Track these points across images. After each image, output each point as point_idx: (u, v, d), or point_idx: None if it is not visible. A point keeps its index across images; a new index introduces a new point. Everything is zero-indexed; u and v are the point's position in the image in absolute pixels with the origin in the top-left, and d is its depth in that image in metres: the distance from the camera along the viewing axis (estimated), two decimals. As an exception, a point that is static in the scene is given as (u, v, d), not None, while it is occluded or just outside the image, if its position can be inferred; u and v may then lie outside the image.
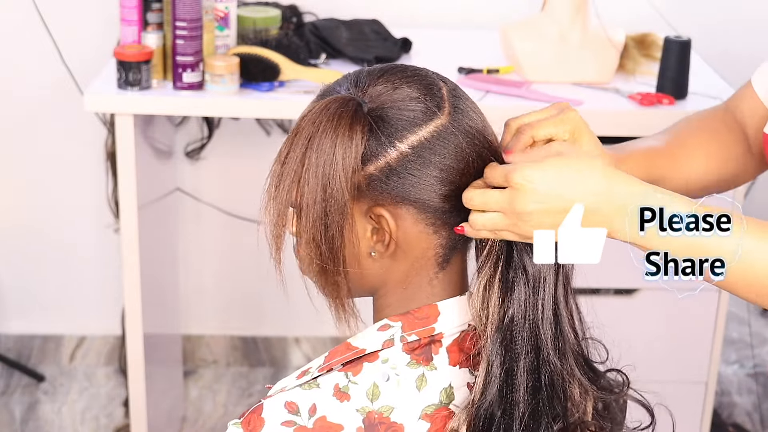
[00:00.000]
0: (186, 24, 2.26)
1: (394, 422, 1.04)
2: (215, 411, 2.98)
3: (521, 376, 1.04)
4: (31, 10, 2.71)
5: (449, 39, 2.75)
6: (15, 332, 3.13)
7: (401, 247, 1.07)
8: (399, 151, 1.04)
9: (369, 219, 1.06)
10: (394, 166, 1.04)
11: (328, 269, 1.08)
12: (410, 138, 1.05)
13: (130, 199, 2.34)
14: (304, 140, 1.05)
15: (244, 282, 3.08)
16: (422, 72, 1.10)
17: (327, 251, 1.07)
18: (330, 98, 1.07)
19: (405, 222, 1.06)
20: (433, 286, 1.10)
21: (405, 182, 1.05)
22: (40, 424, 2.88)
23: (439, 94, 1.08)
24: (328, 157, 1.04)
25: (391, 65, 1.11)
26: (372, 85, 1.07)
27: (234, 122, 2.90)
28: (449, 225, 1.07)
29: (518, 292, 1.05)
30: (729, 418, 2.94)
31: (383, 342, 1.07)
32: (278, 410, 1.04)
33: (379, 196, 1.05)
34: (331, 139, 1.04)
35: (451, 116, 1.07)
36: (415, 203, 1.05)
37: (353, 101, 1.06)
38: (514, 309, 1.04)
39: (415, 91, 1.07)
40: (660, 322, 2.41)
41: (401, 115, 1.05)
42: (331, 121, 1.04)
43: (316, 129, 1.05)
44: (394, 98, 1.06)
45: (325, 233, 1.06)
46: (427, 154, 1.05)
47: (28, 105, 2.90)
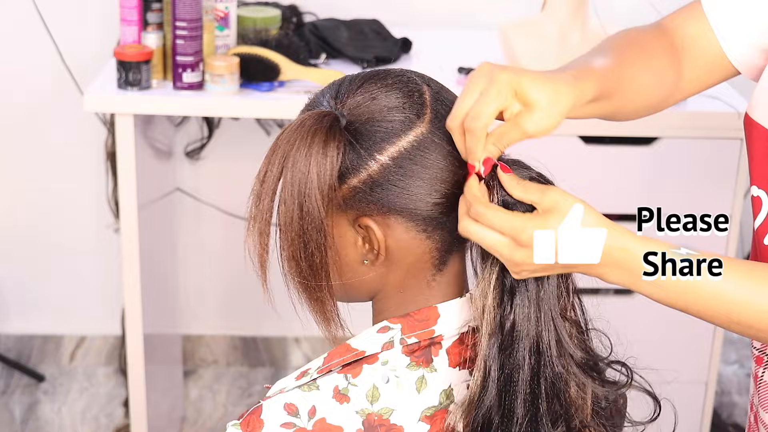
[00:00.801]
0: (186, 24, 2.26)
1: (394, 424, 1.04)
2: (215, 411, 2.98)
3: (522, 383, 1.03)
4: (31, 10, 2.71)
5: (449, 39, 2.75)
6: (15, 332, 3.13)
7: (394, 254, 1.07)
8: (379, 163, 1.03)
9: (358, 229, 1.06)
10: (376, 178, 1.04)
11: (310, 285, 1.08)
12: (389, 149, 1.04)
13: (130, 199, 2.34)
14: (281, 158, 1.04)
15: (244, 282, 3.08)
16: (405, 78, 1.08)
17: (307, 268, 1.07)
18: (306, 114, 1.06)
19: (395, 231, 1.06)
20: (432, 288, 1.10)
21: (389, 193, 1.04)
22: (40, 424, 2.88)
23: (420, 100, 1.06)
24: (303, 176, 1.03)
25: (373, 72, 1.10)
26: (351, 96, 1.06)
27: (234, 122, 2.90)
28: (441, 228, 1.07)
29: (520, 297, 1.04)
30: (729, 418, 2.94)
31: (383, 344, 1.07)
32: (277, 412, 1.04)
33: (366, 207, 1.05)
34: (305, 156, 1.03)
35: (432, 123, 1.05)
36: (402, 212, 1.05)
37: (329, 116, 1.05)
38: (515, 314, 1.03)
39: (394, 99, 1.05)
40: (660, 322, 2.41)
41: (379, 127, 1.04)
42: (305, 138, 1.03)
43: (291, 146, 1.04)
44: (371, 109, 1.05)
45: (304, 250, 1.06)
46: (407, 164, 1.04)
47: (28, 105, 2.90)
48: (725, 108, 2.33)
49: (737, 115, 2.32)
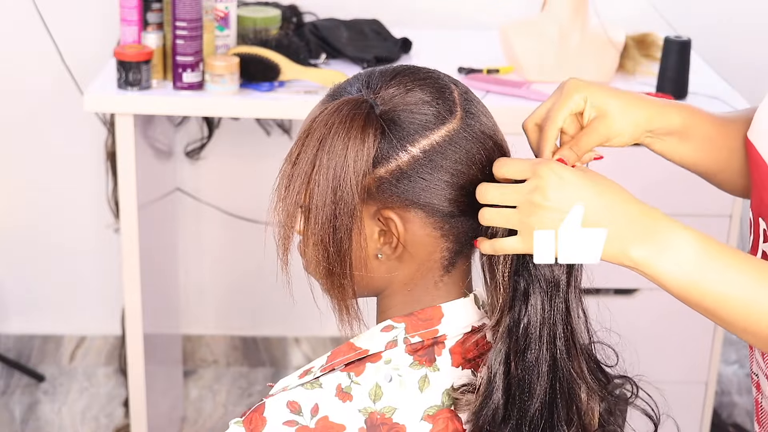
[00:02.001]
0: (186, 24, 2.26)
1: (396, 423, 1.04)
2: (215, 411, 2.98)
3: (538, 384, 1.03)
4: (31, 10, 2.71)
5: (449, 39, 2.75)
6: (15, 332, 3.13)
7: (408, 250, 1.07)
8: (410, 154, 1.04)
9: (377, 221, 1.06)
10: (405, 170, 1.04)
11: (335, 271, 1.07)
12: (422, 142, 1.04)
13: (130, 199, 2.34)
14: (316, 141, 1.04)
15: (244, 282, 3.08)
16: (435, 75, 1.09)
17: (334, 253, 1.06)
18: (342, 99, 1.06)
19: (413, 225, 1.06)
20: (438, 288, 1.10)
21: (415, 186, 1.04)
22: (40, 424, 2.88)
23: (451, 97, 1.07)
24: (340, 160, 1.03)
25: (403, 67, 1.10)
26: (384, 87, 1.07)
27: (234, 122, 2.90)
28: (457, 229, 1.07)
29: (534, 299, 1.04)
30: (729, 418, 2.94)
31: (386, 343, 1.07)
32: (280, 409, 1.04)
33: (389, 199, 1.05)
34: (343, 141, 1.03)
35: (463, 120, 1.06)
36: (424, 207, 1.05)
37: (366, 103, 1.05)
38: (530, 315, 1.04)
39: (427, 94, 1.06)
40: (660, 322, 2.42)
41: (413, 119, 1.04)
42: (344, 123, 1.03)
43: (328, 130, 1.04)
44: (406, 101, 1.05)
45: (333, 235, 1.05)
46: (438, 158, 1.04)
47: (28, 105, 2.90)
48: (725, 108, 2.33)
49: (737, 115, 2.32)
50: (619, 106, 1.14)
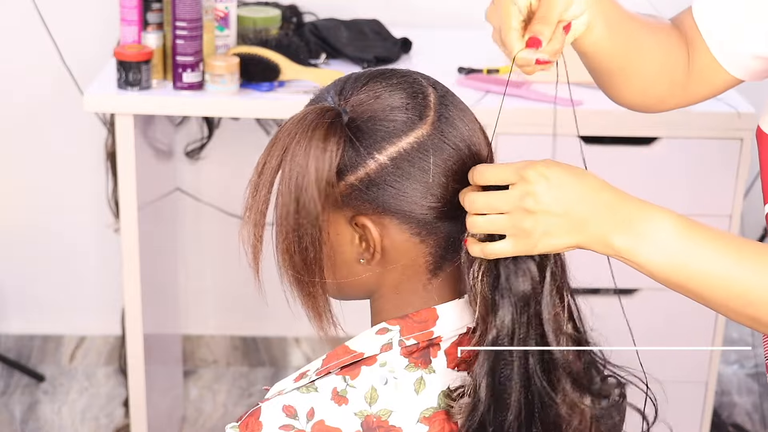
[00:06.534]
0: (186, 24, 2.26)
1: (393, 426, 1.04)
2: (215, 411, 2.98)
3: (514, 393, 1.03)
4: (31, 10, 2.71)
5: (449, 39, 2.74)
6: (15, 332, 3.13)
7: (389, 254, 1.07)
8: (378, 162, 1.03)
9: (354, 227, 1.06)
10: (374, 178, 1.03)
11: (302, 279, 1.07)
12: (389, 149, 1.03)
13: (130, 199, 2.34)
14: (280, 150, 1.04)
15: (244, 282, 3.07)
16: (410, 78, 1.08)
17: (300, 262, 1.06)
18: (309, 108, 1.06)
19: (390, 231, 1.05)
20: (428, 290, 1.09)
21: (385, 193, 1.04)
22: (40, 424, 2.88)
23: (424, 102, 1.06)
24: (301, 169, 1.03)
25: (379, 71, 1.09)
26: (355, 93, 1.06)
27: (234, 122, 2.90)
28: (436, 235, 1.06)
29: (503, 312, 1.03)
30: (729, 418, 2.93)
31: (381, 346, 1.07)
32: (276, 414, 1.04)
33: (362, 206, 1.05)
34: (305, 150, 1.03)
35: (434, 126, 1.05)
36: (397, 214, 1.05)
37: (331, 111, 1.04)
38: (497, 329, 1.03)
39: (398, 99, 1.05)
40: (660, 322, 2.41)
41: (381, 126, 1.04)
42: (305, 132, 1.03)
43: (291, 139, 1.03)
44: (374, 108, 1.05)
45: (298, 244, 1.05)
46: (406, 165, 1.03)
47: (28, 105, 2.90)
48: (725, 108, 2.33)
49: (737, 115, 2.32)
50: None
